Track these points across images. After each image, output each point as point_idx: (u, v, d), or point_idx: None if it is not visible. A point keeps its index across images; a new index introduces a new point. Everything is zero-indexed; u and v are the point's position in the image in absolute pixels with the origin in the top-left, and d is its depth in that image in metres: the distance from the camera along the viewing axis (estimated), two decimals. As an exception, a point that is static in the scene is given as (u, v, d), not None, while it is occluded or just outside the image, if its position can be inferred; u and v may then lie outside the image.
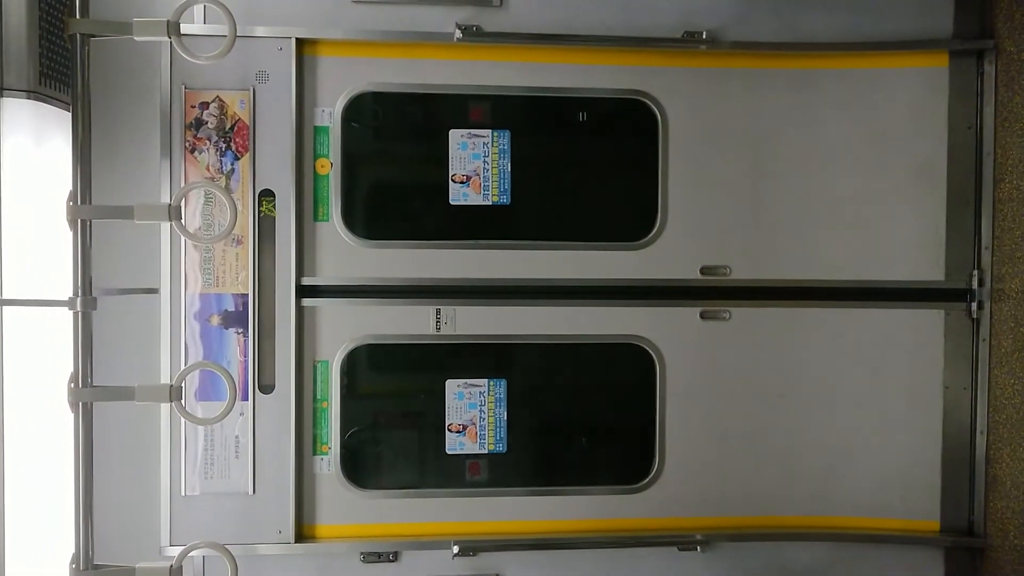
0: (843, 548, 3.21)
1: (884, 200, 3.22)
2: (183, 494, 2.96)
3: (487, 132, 3.13)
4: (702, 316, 3.20)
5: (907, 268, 3.22)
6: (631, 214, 3.24)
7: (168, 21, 2.57)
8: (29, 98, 2.60)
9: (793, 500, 3.23)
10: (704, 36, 3.09)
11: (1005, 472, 3.09)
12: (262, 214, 2.95)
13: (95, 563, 2.63)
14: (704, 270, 3.19)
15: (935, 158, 3.20)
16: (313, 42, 3.03)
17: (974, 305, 3.19)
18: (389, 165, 3.23)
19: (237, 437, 2.98)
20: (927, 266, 3.21)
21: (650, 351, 3.19)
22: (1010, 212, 3.08)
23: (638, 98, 3.16)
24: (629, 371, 3.25)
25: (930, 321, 3.23)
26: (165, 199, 2.90)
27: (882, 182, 3.21)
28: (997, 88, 3.13)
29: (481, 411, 3.15)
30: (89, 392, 2.59)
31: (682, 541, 3.13)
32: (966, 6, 3.18)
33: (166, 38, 2.58)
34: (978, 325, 3.20)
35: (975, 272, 3.19)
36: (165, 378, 2.91)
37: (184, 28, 2.72)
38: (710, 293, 3.20)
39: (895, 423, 3.24)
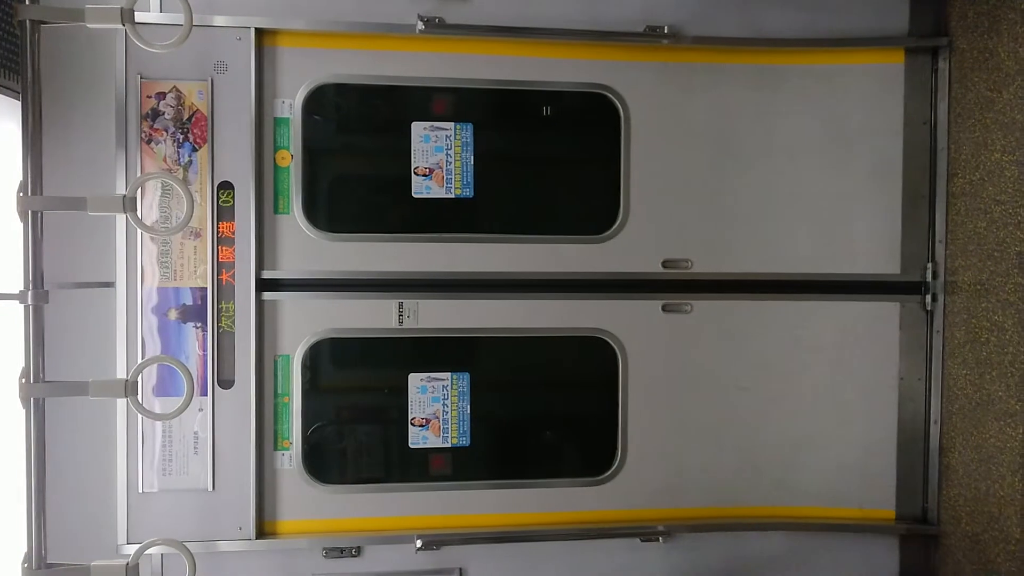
0: (802, 537, 3.26)
1: (842, 194, 3.27)
2: (140, 491, 2.91)
3: (450, 125, 3.12)
4: (664, 309, 3.23)
5: (864, 261, 3.28)
6: (594, 207, 3.25)
7: (122, 8, 2.52)
8: (-23, 86, 2.54)
9: (753, 491, 3.28)
10: (666, 31, 3.11)
11: (958, 461, 3.16)
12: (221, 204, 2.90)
13: (48, 562, 2.58)
14: (666, 263, 3.22)
15: (891, 153, 3.26)
16: (273, 32, 2.99)
17: (928, 297, 3.26)
18: (351, 157, 3.21)
19: (196, 433, 2.94)
20: (883, 259, 3.27)
21: (613, 344, 3.20)
22: (963, 206, 3.15)
23: (601, 92, 3.17)
24: (592, 364, 3.27)
25: (886, 313, 3.29)
26: (121, 191, 2.84)
27: (840, 177, 3.26)
28: (951, 85, 3.20)
29: (444, 405, 3.15)
30: (41, 387, 2.54)
31: (644, 532, 3.16)
32: (921, 4, 3.24)
33: (120, 26, 2.53)
34: (932, 317, 3.27)
35: (929, 265, 3.26)
36: (122, 374, 2.86)
37: (139, 16, 2.68)
38: (672, 286, 3.23)
39: (852, 414, 3.30)
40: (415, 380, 3.14)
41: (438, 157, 3.11)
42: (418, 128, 3.11)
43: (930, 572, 3.28)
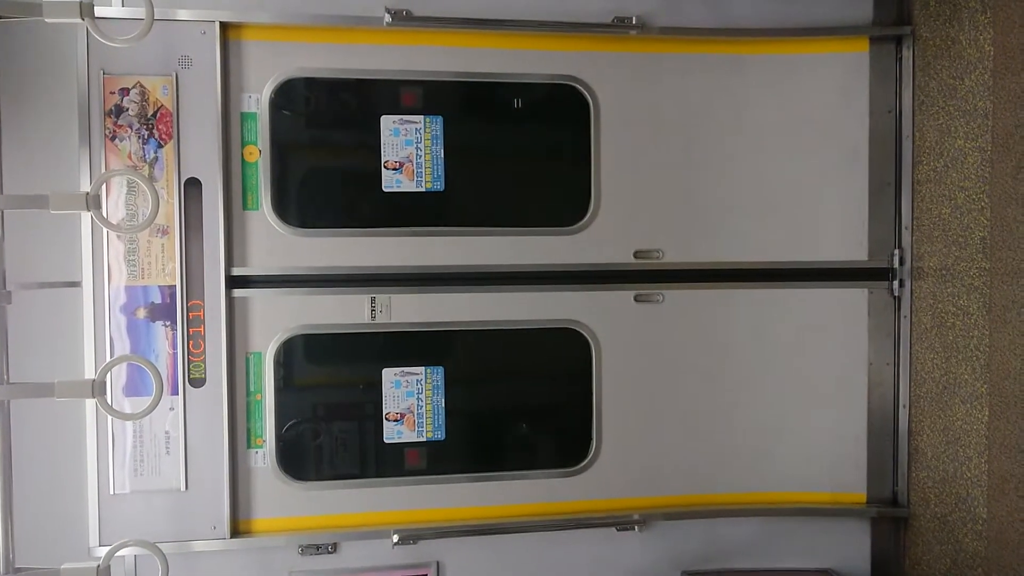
0: (775, 522, 3.30)
1: (809, 182, 3.30)
2: (112, 492, 2.88)
3: (419, 118, 3.10)
4: (636, 299, 3.24)
5: (832, 248, 3.31)
6: (565, 199, 3.26)
7: (81, 2, 2.48)
8: (-67, 83, 2.48)
9: (726, 477, 3.31)
10: (634, 21, 3.12)
11: (926, 443, 3.21)
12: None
13: (17, 566, 2.54)
14: (637, 254, 3.23)
15: (857, 141, 3.29)
16: (238, 26, 2.95)
17: (896, 283, 3.30)
18: (320, 152, 3.18)
19: (167, 432, 2.91)
20: (851, 246, 3.31)
21: (585, 335, 3.21)
22: (928, 193, 3.19)
23: (570, 83, 3.17)
24: (565, 355, 3.28)
25: (854, 300, 3.33)
26: (85, 189, 2.79)
27: (807, 165, 3.29)
28: (915, 73, 3.23)
29: (419, 399, 3.14)
30: (5, 390, 2.50)
31: (620, 522, 3.18)
32: (885, -7, 3.28)
33: (79, 20, 2.48)
34: (899, 303, 3.31)
35: (896, 251, 3.30)
36: (90, 374, 2.82)
37: (100, 11, 2.63)
38: (644, 276, 3.24)
39: (822, 400, 3.34)
40: (389, 375, 3.13)
41: (408, 151, 3.10)
42: (387, 122, 3.09)
43: (901, 553, 3.33)
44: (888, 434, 3.33)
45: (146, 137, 2.87)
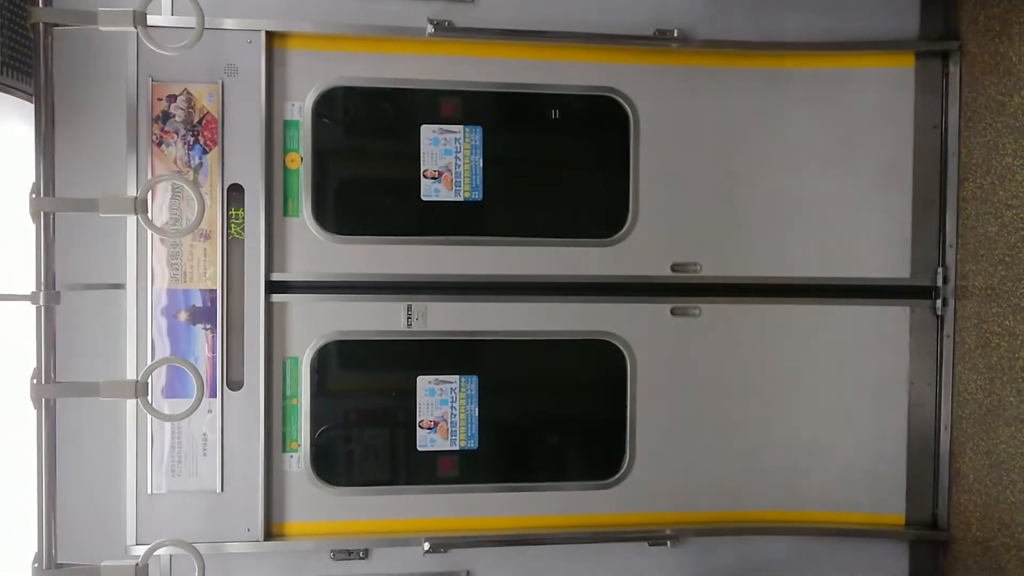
0: (810, 542, 3.25)
1: (851, 198, 3.26)
2: (150, 492, 2.92)
3: (459, 128, 3.12)
4: (673, 312, 3.22)
5: (874, 265, 3.26)
6: (603, 211, 3.25)
7: (134, 11, 2.54)
8: (-9, 88, 2.56)
9: (761, 495, 3.27)
10: (675, 34, 3.11)
11: (968, 466, 3.14)
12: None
13: (59, 562, 2.59)
14: (675, 267, 3.21)
15: (901, 157, 3.24)
16: (283, 35, 3.00)
17: (939, 302, 3.24)
18: (360, 160, 3.21)
19: (205, 434, 2.95)
20: (893, 264, 3.26)
21: (621, 347, 3.20)
22: (974, 211, 3.13)
23: (610, 95, 3.17)
24: (600, 367, 3.27)
25: (896, 318, 3.27)
26: (132, 193, 2.85)
27: (850, 180, 3.25)
28: (961, 89, 3.18)
29: (452, 407, 3.15)
30: (52, 388, 2.55)
31: (652, 536, 3.15)
32: (932, 8, 3.23)
33: (132, 29, 2.54)
34: (942, 322, 3.25)
35: (940, 270, 3.24)
36: (132, 375, 2.87)
37: (152, 19, 2.69)
38: (681, 290, 3.22)
39: (861, 419, 3.28)
40: (423, 383, 3.14)
41: (447, 160, 3.12)
42: (427, 131, 3.11)
43: (940, 578, 3.27)
44: (928, 455, 3.27)
45: (191, 143, 2.93)
